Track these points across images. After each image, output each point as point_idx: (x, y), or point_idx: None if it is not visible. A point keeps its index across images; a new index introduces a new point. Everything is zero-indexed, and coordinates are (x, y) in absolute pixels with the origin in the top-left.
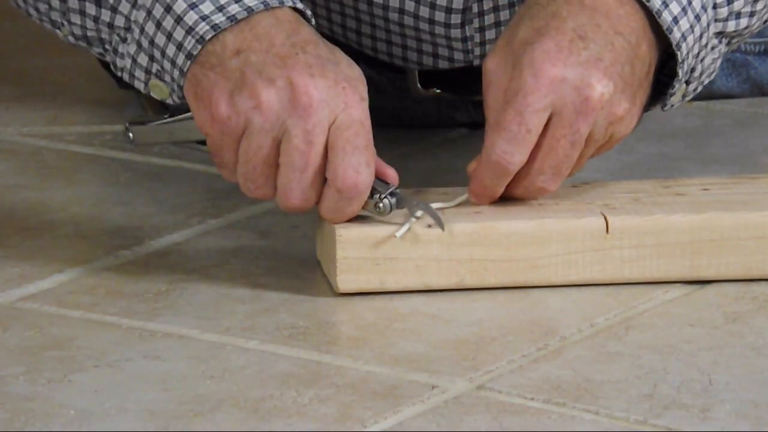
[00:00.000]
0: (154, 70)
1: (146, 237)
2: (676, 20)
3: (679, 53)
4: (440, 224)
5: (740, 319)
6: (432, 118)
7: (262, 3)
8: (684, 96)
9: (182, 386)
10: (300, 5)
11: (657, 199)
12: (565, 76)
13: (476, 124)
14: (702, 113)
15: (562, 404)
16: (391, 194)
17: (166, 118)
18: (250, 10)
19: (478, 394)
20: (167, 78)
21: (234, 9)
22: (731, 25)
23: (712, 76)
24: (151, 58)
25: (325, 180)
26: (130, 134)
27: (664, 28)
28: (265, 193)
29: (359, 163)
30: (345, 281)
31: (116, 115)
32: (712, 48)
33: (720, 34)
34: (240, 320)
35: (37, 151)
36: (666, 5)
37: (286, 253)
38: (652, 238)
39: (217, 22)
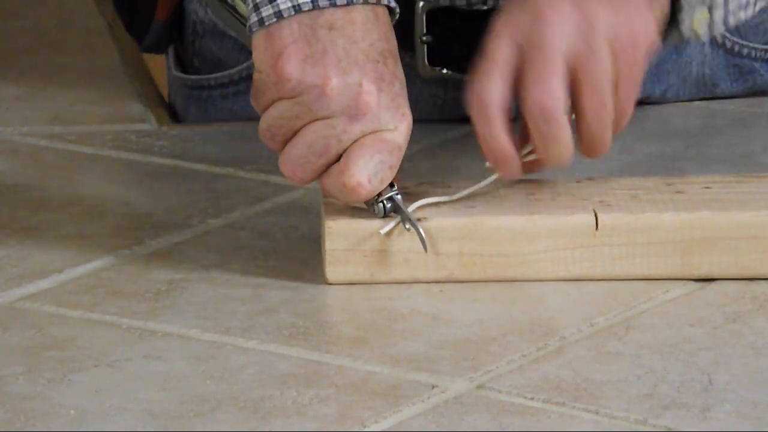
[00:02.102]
0: None
1: (146, 237)
2: None
3: None
4: (424, 245)
5: (740, 319)
6: (439, 99)
7: None
8: (710, 27)
9: (182, 386)
10: (393, 4)
11: (655, 196)
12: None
13: None
14: (702, 113)
15: (562, 404)
16: (390, 199)
17: (235, 14)
18: (350, 0)
19: (478, 394)
20: (249, 4)
21: None
22: None
23: (749, 11)
24: None
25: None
26: None
27: None
28: (276, 148)
29: (374, 174)
30: (333, 272)
31: (116, 115)
32: None
33: None
34: (240, 320)
35: (37, 151)
36: None
37: (286, 253)
38: (643, 236)
39: None
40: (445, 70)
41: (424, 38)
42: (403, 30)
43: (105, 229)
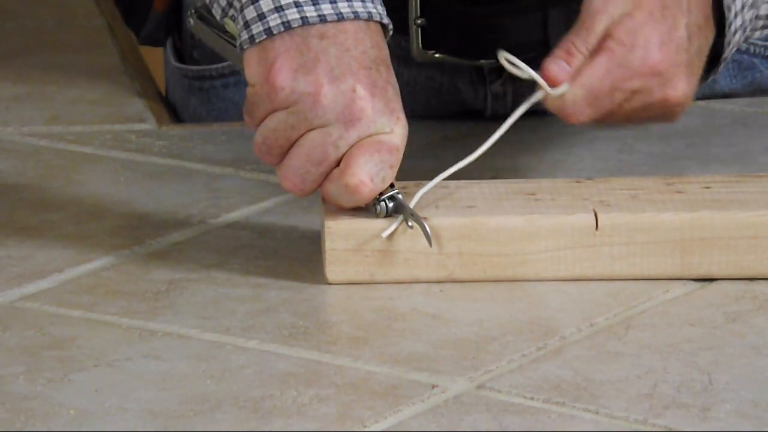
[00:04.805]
0: (230, 14)
1: (146, 237)
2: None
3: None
4: (428, 240)
5: (740, 318)
6: (435, 82)
7: (352, 12)
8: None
9: (182, 386)
10: (385, 20)
11: (655, 196)
12: (661, 71)
13: (479, 112)
14: (702, 112)
15: (562, 404)
16: (391, 198)
17: (227, 36)
18: (340, 16)
19: (478, 394)
20: (239, 23)
21: (326, 9)
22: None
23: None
24: (230, 4)
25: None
26: (191, 20)
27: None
28: (272, 162)
29: (376, 173)
30: (334, 272)
31: (116, 115)
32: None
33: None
34: (240, 320)
35: (37, 151)
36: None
37: (286, 253)
38: (642, 236)
39: (308, 15)
40: (438, 54)
41: (419, 21)
42: (398, 13)
43: (105, 229)
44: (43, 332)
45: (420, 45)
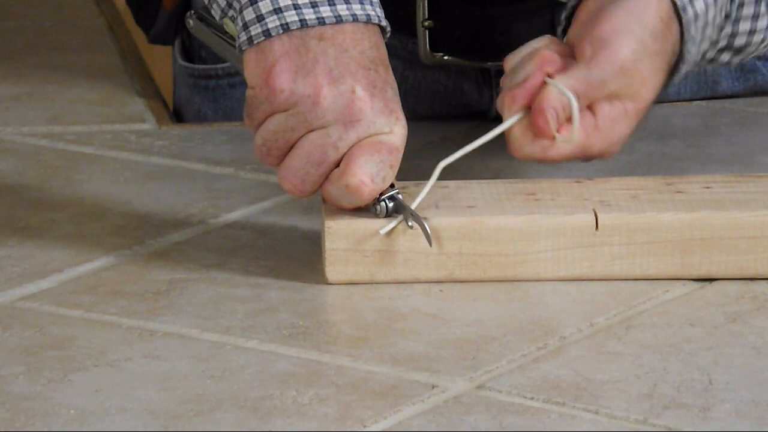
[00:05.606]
0: (229, 15)
1: (146, 237)
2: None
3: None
4: (429, 239)
5: (740, 318)
6: (441, 85)
7: (351, 15)
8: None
9: (182, 386)
10: (384, 23)
11: (655, 196)
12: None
13: (482, 113)
14: (702, 113)
15: (562, 404)
16: (391, 198)
17: (226, 37)
18: (339, 19)
19: (478, 394)
20: (238, 24)
21: (325, 11)
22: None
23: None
24: (229, 5)
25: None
26: (191, 21)
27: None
28: (272, 163)
29: (376, 173)
30: (334, 272)
31: (116, 115)
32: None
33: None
34: (240, 320)
35: (37, 151)
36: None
37: (286, 253)
38: (642, 236)
39: (307, 18)
40: (446, 57)
41: (426, 23)
42: (405, 15)
43: (105, 229)
44: (43, 332)
45: (428, 47)
